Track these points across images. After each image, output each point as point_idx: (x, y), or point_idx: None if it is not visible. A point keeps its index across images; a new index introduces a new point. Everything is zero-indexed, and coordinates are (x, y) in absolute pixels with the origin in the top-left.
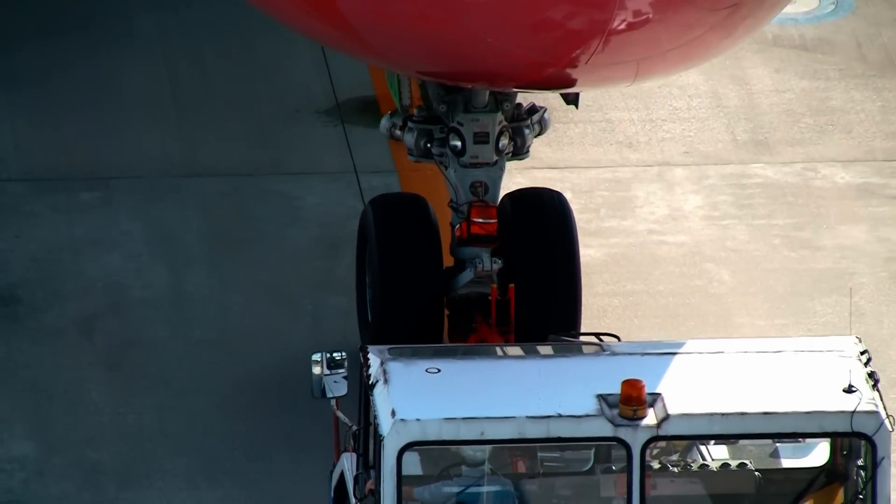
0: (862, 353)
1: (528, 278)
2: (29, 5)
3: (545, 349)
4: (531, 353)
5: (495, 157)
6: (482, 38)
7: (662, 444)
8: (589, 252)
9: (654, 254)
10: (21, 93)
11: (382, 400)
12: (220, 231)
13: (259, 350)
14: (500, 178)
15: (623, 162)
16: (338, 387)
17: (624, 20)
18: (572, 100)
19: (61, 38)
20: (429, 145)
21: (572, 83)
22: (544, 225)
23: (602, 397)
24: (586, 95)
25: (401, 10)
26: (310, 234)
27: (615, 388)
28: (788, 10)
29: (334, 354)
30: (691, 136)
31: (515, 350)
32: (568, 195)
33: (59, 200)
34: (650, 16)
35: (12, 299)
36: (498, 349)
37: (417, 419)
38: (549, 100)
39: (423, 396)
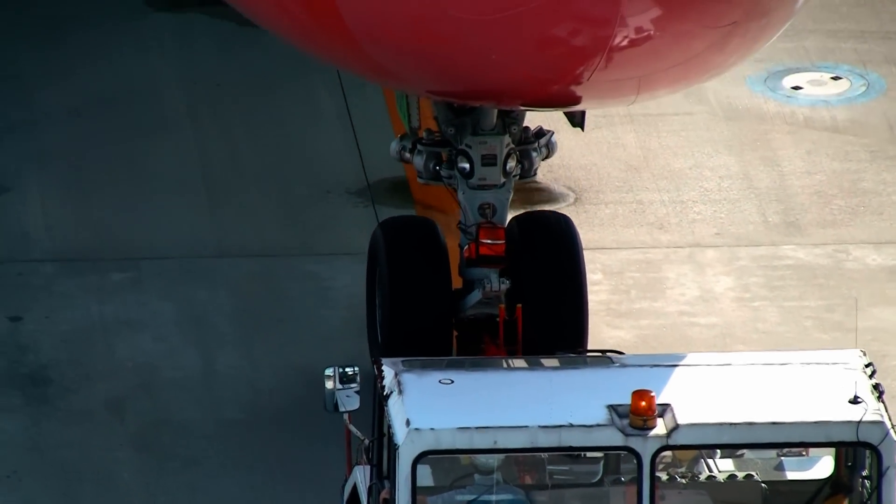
0: (867, 366)
1: (536, 298)
2: (60, 85)
3: (555, 361)
4: (542, 365)
5: (503, 179)
6: (486, 54)
7: (671, 454)
8: (619, 333)
9: (686, 335)
10: (52, 173)
11: (397, 410)
12: (250, 311)
13: (290, 431)
14: (507, 199)
15: (654, 243)
16: (350, 401)
17: (625, 36)
18: (578, 121)
19: (92, 117)
20: (437, 168)
21: (576, 100)
22: (551, 246)
23: (612, 408)
24: (617, 177)
25: (405, 26)
26: (340, 314)
27: (625, 399)
28: (819, 91)
29: (346, 369)
30: (722, 217)
31: (526, 362)
32: (598, 276)
33: (90, 281)
34: (650, 32)
35: (43, 380)
36: (509, 361)
37: (431, 428)
38: (578, 181)
39: (436, 406)
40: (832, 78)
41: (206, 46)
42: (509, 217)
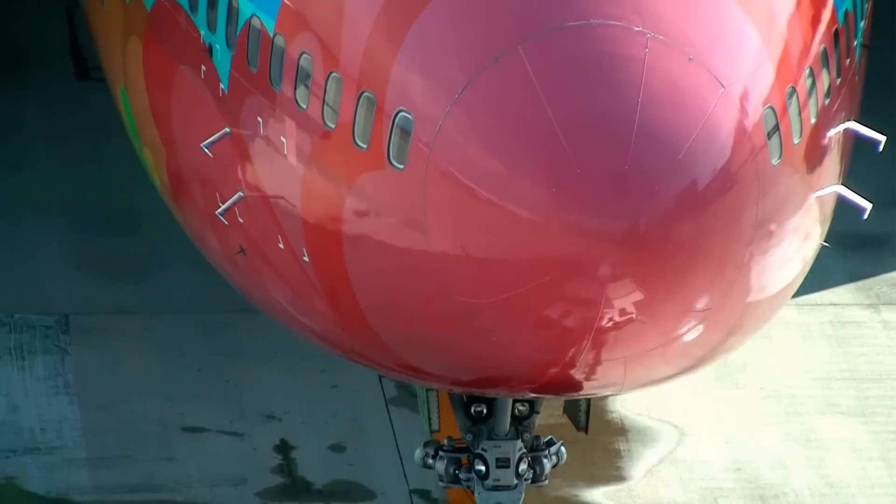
0: None
1: None
2: None
3: None
4: None
5: (515, 481)
6: (487, 336)
7: None
8: None
9: None
10: None
11: None
12: None
13: None
14: (519, 499)
15: None
16: None
17: (610, 318)
18: (582, 425)
19: None
20: (457, 472)
21: (570, 385)
22: None
23: None
24: None
25: (413, 314)
26: None
27: None
28: None
29: None
30: None
31: None
32: None
33: None
34: (633, 315)
35: None
36: None
37: None
38: None
39: None
40: None
41: None
42: None
